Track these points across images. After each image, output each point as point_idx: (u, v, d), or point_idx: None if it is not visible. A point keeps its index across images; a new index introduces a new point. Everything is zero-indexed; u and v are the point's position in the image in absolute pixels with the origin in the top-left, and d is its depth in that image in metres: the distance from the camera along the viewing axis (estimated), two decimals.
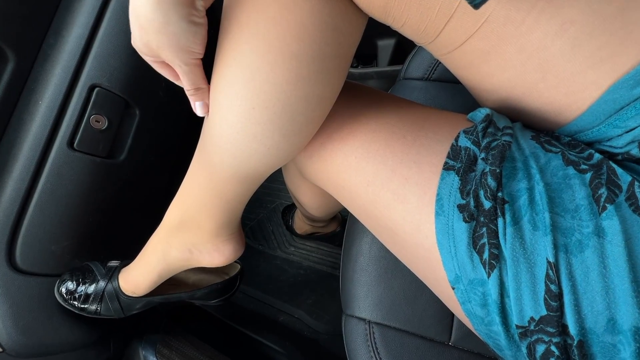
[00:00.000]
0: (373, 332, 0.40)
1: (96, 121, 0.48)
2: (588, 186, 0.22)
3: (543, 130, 0.28)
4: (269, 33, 0.23)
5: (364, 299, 0.42)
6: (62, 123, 0.45)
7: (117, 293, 0.44)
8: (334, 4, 0.24)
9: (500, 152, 0.23)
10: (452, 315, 0.39)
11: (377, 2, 0.24)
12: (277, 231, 0.99)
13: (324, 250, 0.90)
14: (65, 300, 0.45)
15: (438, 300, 0.39)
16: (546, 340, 0.22)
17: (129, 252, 0.60)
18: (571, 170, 0.23)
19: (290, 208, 0.90)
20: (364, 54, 0.89)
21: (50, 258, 0.45)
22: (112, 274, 0.45)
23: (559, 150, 0.25)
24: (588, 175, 0.23)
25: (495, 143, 0.24)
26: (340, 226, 0.83)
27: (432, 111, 0.30)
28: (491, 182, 0.23)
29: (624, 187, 0.22)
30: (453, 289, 0.26)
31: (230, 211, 0.37)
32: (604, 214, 0.21)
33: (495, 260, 0.22)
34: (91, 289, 0.44)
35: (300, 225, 0.83)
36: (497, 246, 0.22)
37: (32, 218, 0.44)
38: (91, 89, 0.47)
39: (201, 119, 0.31)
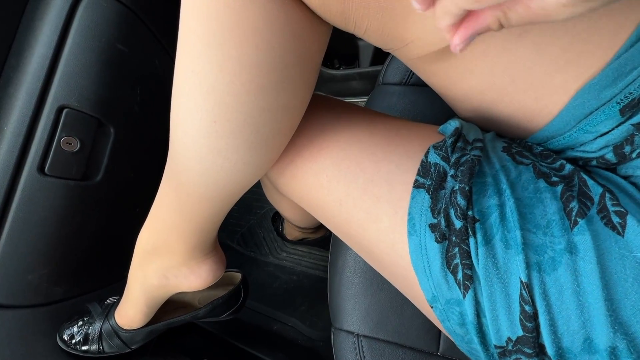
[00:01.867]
0: (362, 345, 0.39)
1: (67, 143, 0.46)
2: (559, 199, 0.22)
3: (516, 138, 0.28)
4: (225, 42, 0.22)
5: (351, 312, 0.41)
6: (31, 148, 0.44)
7: (115, 330, 0.43)
8: (291, 11, 0.23)
9: (470, 168, 0.23)
10: None
11: (334, 8, 0.23)
12: (269, 237, 0.98)
13: (316, 255, 0.89)
14: (67, 345, 0.44)
15: None
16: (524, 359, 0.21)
17: (113, 276, 0.59)
18: (542, 183, 0.23)
19: (280, 214, 0.89)
20: (346, 54, 0.88)
21: (27, 288, 0.44)
22: (108, 312, 0.45)
23: (530, 162, 0.24)
24: (559, 188, 0.22)
25: (464, 158, 0.24)
26: (329, 230, 0.82)
27: (403, 124, 0.29)
28: (461, 200, 0.22)
29: (596, 199, 0.21)
30: (432, 307, 0.25)
31: (203, 232, 0.36)
32: (575, 229, 0.21)
33: (469, 281, 0.22)
34: (89, 330, 0.44)
35: (290, 231, 0.82)
36: (470, 266, 0.22)
37: (5, 248, 0.42)
38: (59, 110, 0.45)
39: None
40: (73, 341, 0.44)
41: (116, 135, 0.53)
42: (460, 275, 0.22)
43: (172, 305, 0.47)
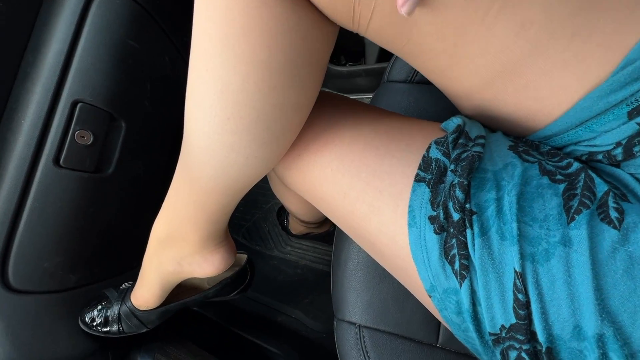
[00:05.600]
0: (363, 336, 0.41)
1: (81, 137, 0.48)
2: (560, 196, 0.23)
3: (519, 136, 0.28)
4: (238, 44, 0.23)
5: (353, 303, 0.42)
6: (47, 141, 0.45)
7: (132, 311, 0.46)
8: (301, 13, 0.24)
9: (469, 164, 0.23)
10: None
11: (340, 7, 0.24)
12: (273, 231, 1.00)
13: (320, 249, 0.90)
14: (89, 327, 0.48)
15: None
16: (517, 347, 0.22)
17: (126, 265, 0.61)
18: (545, 180, 0.23)
19: (285, 208, 0.90)
20: (352, 51, 0.88)
21: (44, 275, 0.46)
22: (125, 296, 0.48)
23: (536, 160, 0.25)
24: (562, 186, 0.23)
25: (465, 154, 0.24)
26: (333, 225, 0.83)
27: (407, 121, 0.30)
28: (459, 194, 0.23)
29: (598, 195, 0.22)
30: (430, 297, 0.26)
31: (215, 222, 0.37)
32: (572, 224, 0.21)
33: (465, 271, 0.23)
34: (108, 312, 0.48)
35: (294, 226, 0.84)
36: (467, 257, 0.23)
37: (23, 237, 0.44)
38: (74, 104, 0.47)
39: None
40: (94, 323, 0.47)
41: (127, 129, 0.54)
42: (457, 265, 0.23)
43: (182, 288, 0.48)
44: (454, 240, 0.23)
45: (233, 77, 0.24)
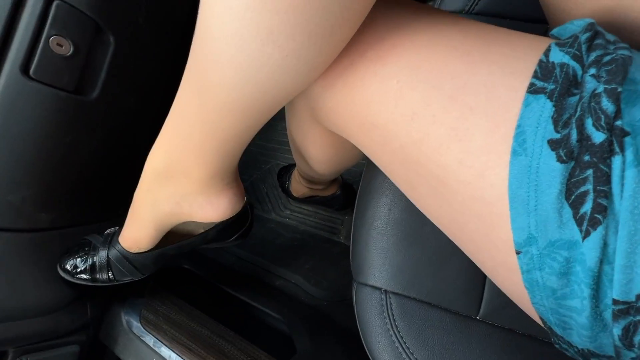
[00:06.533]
0: (390, 303, 0.35)
1: (57, 44, 0.38)
2: None
3: None
4: None
5: (380, 266, 0.37)
6: (12, 41, 0.36)
7: (123, 254, 0.39)
8: None
9: (621, 66, 0.17)
10: (483, 287, 0.34)
11: None
12: (272, 193, 0.93)
13: (322, 215, 0.85)
14: (72, 275, 0.41)
15: (467, 270, 0.35)
16: None
17: (110, 209, 0.53)
18: None
19: (287, 169, 0.83)
20: None
21: (7, 209, 0.38)
22: (111, 240, 0.40)
23: None
24: None
25: (608, 57, 0.17)
26: (340, 189, 0.77)
27: (502, 28, 0.23)
28: (607, 105, 0.16)
29: None
30: (518, 253, 0.20)
31: (226, 156, 0.30)
32: None
33: (602, 214, 0.16)
34: (94, 258, 0.40)
35: (297, 187, 0.77)
36: (607, 195, 0.16)
37: None
38: (48, 1, 0.37)
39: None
40: (77, 270, 0.40)
41: (116, 47, 0.45)
42: (587, 207, 0.17)
43: (174, 235, 0.41)
44: (590, 172, 0.16)
45: None
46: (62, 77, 0.40)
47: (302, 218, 0.86)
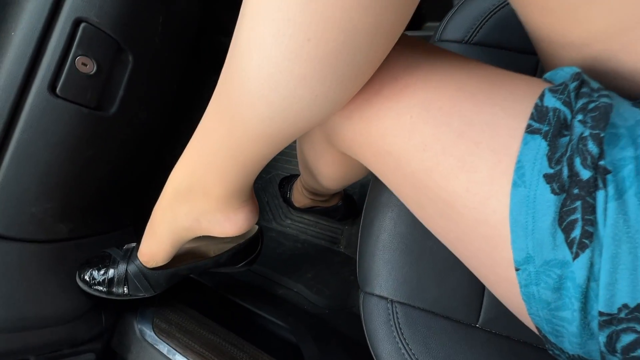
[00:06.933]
0: (396, 312, 0.38)
1: (82, 64, 0.40)
2: None
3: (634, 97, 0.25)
4: None
5: (386, 277, 0.39)
6: (42, 61, 0.38)
7: (141, 269, 0.41)
8: None
9: (603, 114, 0.20)
10: (482, 297, 0.37)
11: None
12: (273, 203, 0.95)
13: (323, 225, 0.87)
14: (89, 286, 0.42)
15: (467, 282, 0.37)
16: (638, 329, 0.19)
17: (121, 221, 0.55)
18: None
19: (288, 180, 0.85)
20: None
21: (30, 221, 0.39)
22: (131, 254, 0.42)
23: None
24: None
25: (593, 105, 0.21)
26: (341, 200, 0.80)
27: (503, 70, 0.26)
28: (592, 147, 0.19)
29: None
30: (517, 270, 0.23)
31: (247, 175, 0.32)
32: None
33: (588, 239, 0.19)
34: (113, 272, 0.42)
35: (299, 198, 0.79)
36: (593, 223, 0.19)
37: (8, 173, 0.37)
38: (76, 23, 0.39)
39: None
40: (95, 281, 0.41)
41: (134, 65, 0.47)
42: (576, 233, 0.20)
43: (187, 256, 0.43)
44: (578, 203, 0.19)
45: None
46: (85, 94, 0.42)
47: (303, 227, 0.88)
